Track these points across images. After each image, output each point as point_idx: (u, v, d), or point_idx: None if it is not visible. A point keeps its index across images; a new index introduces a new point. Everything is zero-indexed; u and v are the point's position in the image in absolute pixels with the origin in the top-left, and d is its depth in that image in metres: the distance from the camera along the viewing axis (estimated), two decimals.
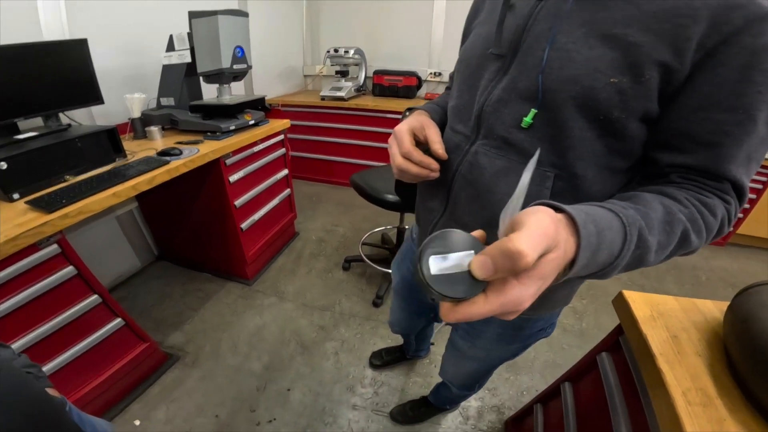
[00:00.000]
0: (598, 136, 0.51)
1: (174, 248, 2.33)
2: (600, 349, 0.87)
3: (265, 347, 1.80)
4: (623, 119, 0.49)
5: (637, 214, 0.43)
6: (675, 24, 0.44)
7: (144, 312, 1.97)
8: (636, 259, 0.43)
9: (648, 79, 0.46)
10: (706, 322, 0.69)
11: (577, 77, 0.48)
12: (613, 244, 0.39)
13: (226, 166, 1.78)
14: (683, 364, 0.59)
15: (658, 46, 0.45)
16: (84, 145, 1.37)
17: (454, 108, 0.67)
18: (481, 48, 0.61)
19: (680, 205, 0.47)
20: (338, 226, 2.86)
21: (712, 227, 0.48)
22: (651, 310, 0.70)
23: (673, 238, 0.45)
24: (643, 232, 0.42)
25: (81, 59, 1.48)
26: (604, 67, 0.47)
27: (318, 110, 3.21)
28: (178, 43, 1.81)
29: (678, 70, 0.45)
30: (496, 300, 0.33)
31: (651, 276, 2.45)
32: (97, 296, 1.28)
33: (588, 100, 0.49)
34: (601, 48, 0.47)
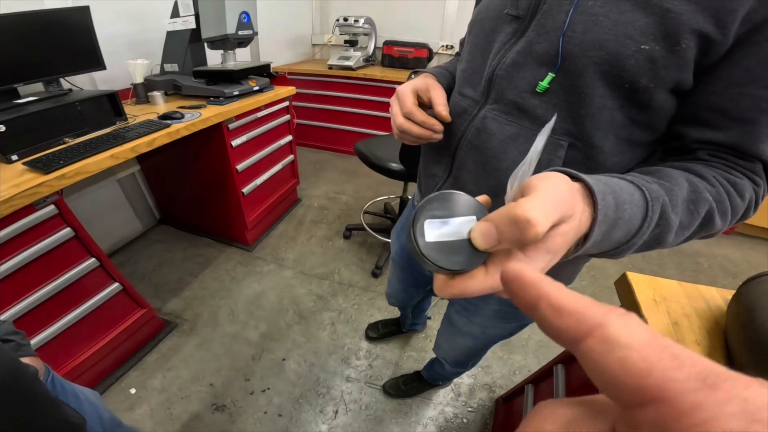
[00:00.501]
0: (620, 106, 0.48)
1: (176, 212, 2.33)
2: None
3: (263, 315, 1.81)
4: (651, 89, 0.45)
5: (661, 189, 0.39)
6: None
7: (144, 277, 1.99)
8: (654, 238, 0.39)
9: (684, 48, 0.42)
10: (708, 309, 0.67)
11: (603, 42, 0.45)
12: (633, 220, 0.36)
13: (228, 130, 1.77)
14: None
15: (698, 16, 0.41)
16: (84, 108, 1.35)
17: (464, 71, 0.64)
18: (497, 9, 0.57)
19: (707, 184, 0.43)
20: (341, 193, 2.85)
21: (738, 209, 0.44)
22: (654, 293, 0.69)
23: (697, 218, 0.41)
24: (666, 209, 0.38)
25: (83, 27, 1.46)
26: (635, 33, 0.43)
27: (325, 79, 3.18)
28: (182, 9, 1.77)
29: (718, 41, 0.41)
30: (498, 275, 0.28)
31: (652, 260, 2.44)
32: (95, 259, 1.28)
33: (613, 67, 0.45)
34: (633, 13, 0.44)
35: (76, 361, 1.31)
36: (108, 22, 1.66)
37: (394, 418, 1.44)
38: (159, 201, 2.34)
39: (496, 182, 0.57)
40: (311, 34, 3.64)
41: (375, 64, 3.35)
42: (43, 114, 1.24)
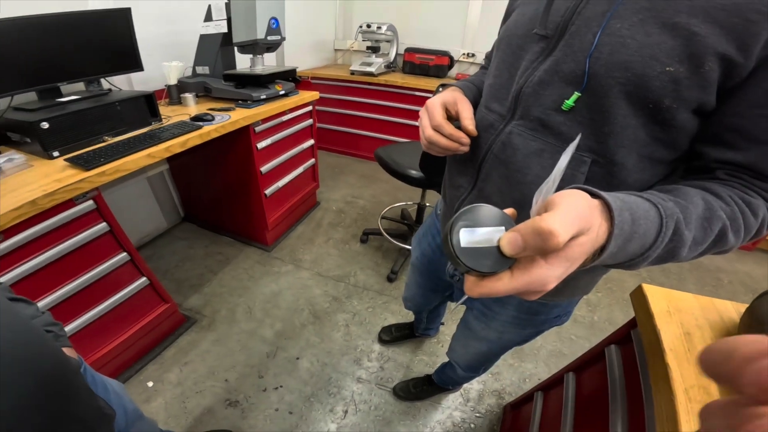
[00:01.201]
0: (643, 124, 0.50)
1: (199, 210, 2.41)
2: (610, 341, 0.87)
3: (279, 314, 1.86)
4: (674, 109, 0.47)
5: (676, 207, 0.42)
6: (744, 18, 0.42)
7: (167, 272, 2.05)
8: (668, 252, 0.42)
9: (708, 70, 0.44)
10: (722, 322, 0.69)
11: (629, 63, 0.47)
12: (647, 235, 0.39)
13: (255, 133, 1.83)
14: (691, 362, 0.60)
15: (722, 39, 0.43)
16: (123, 108, 1.42)
17: (491, 87, 0.66)
18: (525, 28, 0.59)
19: (722, 202, 0.45)
20: (359, 198, 2.89)
21: (751, 227, 0.46)
22: (668, 305, 0.70)
23: (710, 234, 0.44)
24: (680, 225, 0.41)
25: (124, 28, 1.52)
26: (661, 55, 0.46)
27: (347, 84, 3.23)
28: (215, 13, 1.83)
29: (741, 64, 0.43)
30: (522, 278, 0.33)
31: (672, 274, 2.41)
32: (126, 254, 1.34)
33: (638, 88, 0.47)
34: (659, 36, 0.46)
35: (101, 352, 1.36)
36: (144, 23, 1.71)
37: (402, 420, 1.46)
38: (184, 199, 2.42)
39: (520, 195, 0.59)
40: (334, 39, 3.70)
41: (396, 71, 3.39)
42: (85, 113, 1.30)
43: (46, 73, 1.33)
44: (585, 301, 2.07)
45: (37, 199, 1.00)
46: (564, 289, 0.72)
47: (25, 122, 1.18)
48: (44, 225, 1.06)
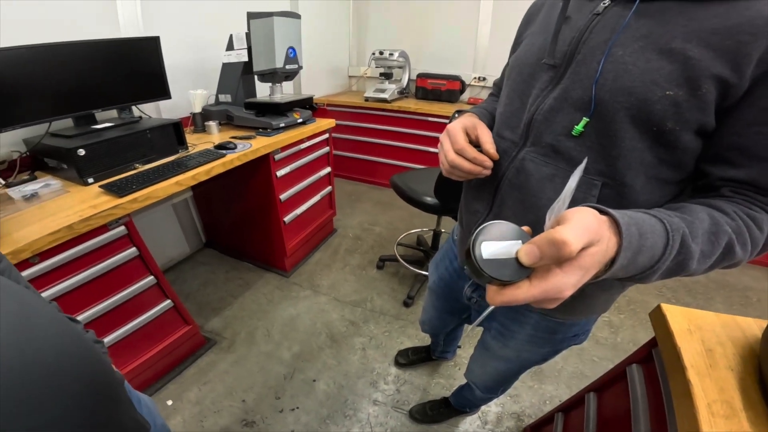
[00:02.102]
0: (648, 147, 0.52)
1: (220, 237, 2.47)
2: (631, 361, 0.87)
3: (297, 337, 1.87)
4: (677, 131, 0.50)
5: (681, 222, 0.44)
6: (736, 41, 0.45)
7: (189, 296, 2.10)
8: (678, 264, 0.44)
9: (704, 92, 0.47)
10: (744, 338, 0.68)
11: (632, 89, 0.50)
12: (655, 248, 0.42)
13: (274, 161, 1.88)
14: (713, 377, 0.60)
15: (716, 62, 0.46)
16: (153, 136, 1.49)
17: (503, 114, 0.69)
18: (535, 57, 0.63)
19: (727, 218, 0.47)
20: (375, 225, 2.91)
21: (757, 241, 0.48)
22: (689, 323, 0.70)
23: (717, 248, 0.46)
24: (687, 238, 0.43)
25: (154, 56, 1.60)
26: (661, 80, 0.48)
27: (361, 111, 3.29)
28: (237, 43, 1.92)
29: (736, 84, 0.46)
30: (540, 285, 0.36)
31: (699, 295, 2.35)
32: (153, 277, 1.39)
33: (641, 112, 0.50)
34: (658, 61, 0.49)
35: (125, 369, 1.39)
36: (171, 51, 1.77)
37: None
38: (206, 225, 2.49)
39: (534, 218, 0.61)
40: (348, 66, 3.79)
41: (409, 97, 3.44)
42: (118, 140, 1.37)
43: (81, 100, 1.40)
44: (607, 322, 2.04)
45: (73, 224, 1.06)
46: (581, 308, 0.73)
47: (62, 149, 1.25)
48: (79, 248, 1.12)
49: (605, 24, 0.54)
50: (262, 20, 1.75)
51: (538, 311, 0.77)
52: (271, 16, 1.72)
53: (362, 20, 3.61)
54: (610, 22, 0.54)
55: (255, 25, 1.78)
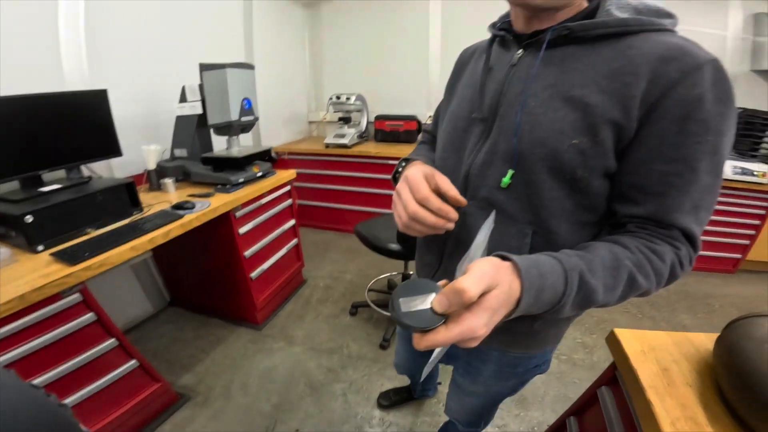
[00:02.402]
0: (567, 195, 0.56)
1: (185, 295, 2.37)
2: (600, 383, 0.88)
3: (275, 388, 1.80)
4: (587, 177, 0.53)
5: (580, 261, 0.48)
6: (622, 83, 0.49)
7: (157, 354, 2.00)
8: (584, 298, 0.48)
9: (603, 138, 0.51)
10: (697, 353, 0.71)
11: (545, 140, 0.54)
12: (556, 286, 0.46)
13: (235, 218, 1.84)
14: (673, 395, 0.62)
15: (609, 106, 0.50)
16: (104, 198, 1.43)
17: (441, 169, 0.68)
18: (466, 111, 0.66)
19: (629, 252, 0.51)
20: (345, 272, 2.88)
21: (661, 271, 0.51)
22: (642, 345, 0.73)
23: (620, 281, 0.49)
24: (585, 275, 0.47)
25: (102, 110, 1.55)
26: (567, 129, 0.52)
27: (323, 158, 3.25)
28: (190, 94, 1.89)
29: (627, 127, 0.50)
30: (454, 329, 0.39)
31: (663, 308, 2.44)
32: (115, 339, 1.33)
33: (555, 161, 0.54)
34: (563, 110, 0.53)
35: (94, 428, 1.32)
36: (120, 105, 1.69)
37: None
38: (169, 284, 2.39)
39: None
40: (307, 112, 3.83)
41: (369, 140, 3.46)
42: (68, 204, 1.31)
43: (26, 160, 1.33)
44: (581, 344, 2.08)
45: (25, 294, 1.03)
46: (535, 343, 0.75)
47: (9, 215, 1.19)
48: (33, 316, 1.08)
49: (520, 75, 0.59)
50: (215, 72, 1.74)
51: (498, 349, 0.79)
52: (224, 68, 1.71)
53: (318, 65, 3.70)
54: (523, 72, 0.58)
55: (208, 77, 1.77)
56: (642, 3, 0.53)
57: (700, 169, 0.49)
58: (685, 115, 0.47)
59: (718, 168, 0.50)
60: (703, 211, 0.52)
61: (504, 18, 0.67)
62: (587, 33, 0.53)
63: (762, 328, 0.59)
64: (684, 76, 0.46)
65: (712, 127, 0.48)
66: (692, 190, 0.50)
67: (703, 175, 0.49)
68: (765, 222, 2.70)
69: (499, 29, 0.66)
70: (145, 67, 2.00)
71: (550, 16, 0.56)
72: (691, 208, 0.51)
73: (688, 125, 0.47)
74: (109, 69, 1.81)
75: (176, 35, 2.18)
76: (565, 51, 0.55)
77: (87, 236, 1.34)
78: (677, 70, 0.47)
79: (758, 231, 2.75)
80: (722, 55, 2.89)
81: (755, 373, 0.54)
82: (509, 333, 0.70)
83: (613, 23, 0.51)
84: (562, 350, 2.03)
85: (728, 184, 2.59)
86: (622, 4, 0.53)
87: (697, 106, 0.47)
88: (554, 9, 0.55)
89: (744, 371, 0.56)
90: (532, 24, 0.59)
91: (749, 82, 2.99)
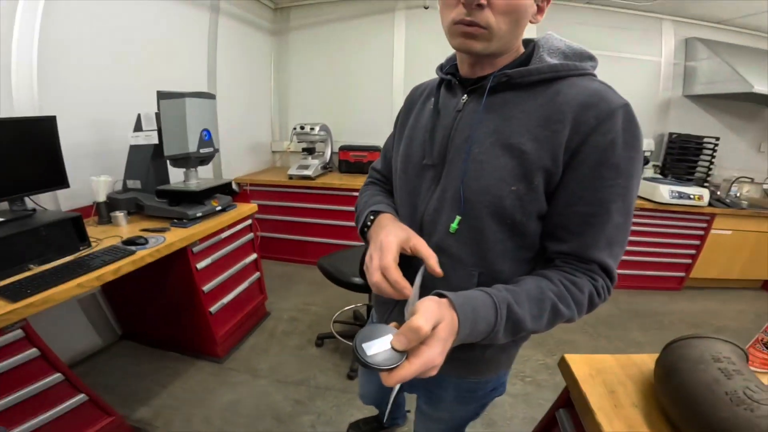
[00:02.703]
0: (509, 237, 0.61)
1: (139, 329, 2.24)
2: (558, 406, 0.90)
3: (240, 421, 1.73)
4: (524, 222, 0.59)
5: (508, 294, 0.54)
6: (552, 131, 0.54)
7: (108, 387, 1.87)
8: (514, 326, 0.54)
9: (537, 184, 0.56)
10: (641, 374, 0.75)
11: (488, 187, 0.58)
12: (488, 317, 0.52)
13: (193, 254, 1.77)
14: (621, 417, 0.64)
15: (541, 153, 0.55)
16: (49, 233, 1.35)
17: (399, 215, 0.74)
18: (418, 157, 0.69)
19: (551, 284, 0.57)
20: (311, 305, 2.82)
21: (580, 301, 0.57)
22: (590, 369, 0.77)
23: (544, 310, 0.55)
24: (512, 306, 0.53)
25: (49, 138, 1.48)
26: (506, 176, 0.57)
27: (286, 189, 3.17)
28: (145, 123, 1.79)
29: (555, 173, 0.55)
30: (416, 362, 0.44)
31: (617, 326, 2.57)
32: (60, 374, 1.26)
33: (497, 207, 0.58)
34: (503, 157, 0.57)
35: None
36: (70, 132, 1.62)
37: None
38: (120, 318, 2.24)
39: None
40: (271, 141, 3.78)
41: (333, 171, 3.46)
42: (9, 239, 1.24)
43: None
44: (544, 365, 2.13)
45: None
46: (488, 368, 0.78)
47: None
48: None
49: (465, 121, 0.63)
50: (173, 101, 1.65)
51: (455, 376, 0.80)
52: (182, 97, 1.63)
53: (284, 94, 3.69)
54: (468, 118, 0.62)
55: (165, 105, 1.68)
56: (568, 47, 0.60)
57: (613, 210, 0.55)
58: (600, 161, 0.53)
59: (629, 208, 0.57)
60: (617, 247, 0.58)
61: (451, 60, 0.72)
62: (523, 80, 0.58)
63: (696, 349, 0.64)
64: (600, 122, 0.52)
65: (623, 171, 0.54)
66: (606, 228, 0.56)
67: (615, 215, 0.55)
68: (704, 241, 2.91)
69: (446, 73, 0.70)
70: (100, 93, 1.92)
71: (492, 62, 0.61)
72: (605, 245, 0.57)
73: (602, 171, 0.53)
74: (61, 94, 1.72)
75: (135, 61, 2.12)
76: (504, 97, 0.60)
77: (30, 272, 1.26)
78: (594, 117, 0.52)
79: (698, 250, 2.96)
80: (656, 81, 3.13)
81: (692, 392, 0.58)
82: (465, 362, 0.74)
83: (545, 70, 0.57)
84: (526, 372, 2.07)
85: (667, 208, 2.77)
86: (552, 49, 0.59)
87: (611, 152, 0.53)
88: (494, 56, 0.59)
89: (682, 391, 0.59)
90: (476, 70, 0.63)
91: (682, 107, 3.23)
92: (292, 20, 3.50)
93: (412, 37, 3.30)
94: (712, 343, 0.65)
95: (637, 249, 2.94)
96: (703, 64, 2.97)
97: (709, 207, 2.80)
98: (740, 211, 2.81)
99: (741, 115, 3.20)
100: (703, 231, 2.89)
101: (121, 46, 2.04)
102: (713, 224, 2.86)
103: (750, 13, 2.70)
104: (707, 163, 3.13)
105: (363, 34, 3.38)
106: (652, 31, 3.08)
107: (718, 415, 0.53)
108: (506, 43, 0.57)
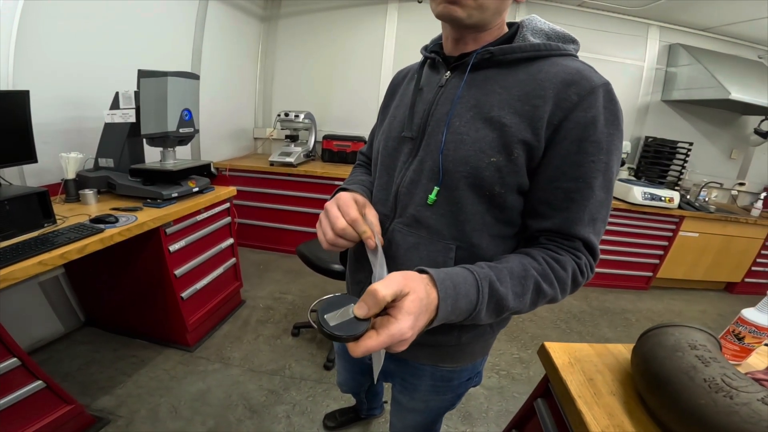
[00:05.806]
0: (487, 210, 0.60)
1: (104, 315, 2.15)
2: (535, 396, 0.91)
3: (210, 411, 1.68)
4: (503, 194, 0.58)
5: (490, 271, 0.53)
6: (532, 105, 0.54)
7: (68, 375, 1.79)
8: (497, 304, 0.52)
9: (516, 156, 0.55)
10: (618, 363, 0.76)
11: (467, 158, 0.57)
12: (470, 294, 0.50)
13: (166, 235, 1.71)
14: (601, 405, 0.65)
15: (522, 127, 0.55)
16: (12, 208, 1.28)
17: (376, 188, 0.73)
18: (397, 131, 0.69)
19: (535, 262, 0.56)
20: (287, 293, 2.79)
21: (563, 279, 0.57)
22: (569, 357, 0.77)
23: (528, 289, 0.54)
24: (494, 284, 0.52)
25: (19, 113, 1.42)
26: (486, 148, 0.56)
27: (267, 176, 3.12)
28: (123, 102, 1.74)
29: (537, 147, 0.55)
30: (384, 332, 0.43)
31: (587, 322, 2.64)
32: (17, 359, 1.20)
33: (476, 179, 0.57)
34: (484, 130, 0.57)
35: None
36: (42, 108, 1.58)
37: None
38: (84, 303, 2.15)
39: None
40: (253, 128, 3.71)
41: (316, 159, 3.42)
42: None
43: None
44: (518, 359, 2.17)
45: None
46: (463, 356, 0.78)
47: None
48: None
49: (447, 96, 0.62)
50: (155, 80, 1.63)
51: (430, 364, 0.80)
52: (165, 76, 1.61)
53: (269, 80, 3.62)
54: (450, 93, 0.62)
55: (146, 84, 1.65)
56: (551, 29, 0.61)
57: (596, 185, 0.55)
58: (582, 137, 0.53)
59: (610, 184, 0.57)
60: (600, 223, 0.59)
61: (436, 41, 0.71)
62: (506, 57, 0.58)
63: (672, 337, 0.65)
64: (581, 99, 0.53)
65: (604, 147, 0.54)
66: (589, 204, 0.56)
67: (598, 191, 0.56)
68: (672, 243, 3.02)
69: (430, 52, 0.69)
70: (78, 69, 1.84)
71: (475, 38, 0.61)
72: (589, 220, 0.57)
73: (584, 146, 0.53)
74: (39, 69, 1.66)
75: (116, 38, 2.04)
76: (486, 73, 0.60)
77: None
78: (576, 94, 0.53)
79: (666, 251, 3.07)
80: (638, 85, 3.22)
81: (671, 379, 0.58)
82: (439, 348, 0.74)
83: (528, 48, 0.57)
84: (501, 365, 2.10)
85: (638, 209, 2.87)
86: (536, 29, 0.60)
87: (592, 128, 0.53)
88: (477, 28, 0.59)
89: (660, 378, 0.60)
90: (459, 46, 0.63)
91: (660, 111, 3.32)
92: (283, 7, 3.43)
93: (404, 30, 3.29)
94: (687, 332, 0.66)
95: (609, 248, 3.02)
96: (683, 69, 3.05)
97: (679, 209, 2.90)
98: (708, 215, 2.92)
99: (715, 121, 3.33)
100: (672, 233, 3.00)
101: (103, 23, 1.96)
102: (681, 226, 2.96)
103: (734, 21, 2.78)
104: (680, 167, 3.24)
105: (354, 25, 3.35)
106: (639, 36, 3.15)
107: (697, 401, 0.53)
108: (490, 15, 0.57)
